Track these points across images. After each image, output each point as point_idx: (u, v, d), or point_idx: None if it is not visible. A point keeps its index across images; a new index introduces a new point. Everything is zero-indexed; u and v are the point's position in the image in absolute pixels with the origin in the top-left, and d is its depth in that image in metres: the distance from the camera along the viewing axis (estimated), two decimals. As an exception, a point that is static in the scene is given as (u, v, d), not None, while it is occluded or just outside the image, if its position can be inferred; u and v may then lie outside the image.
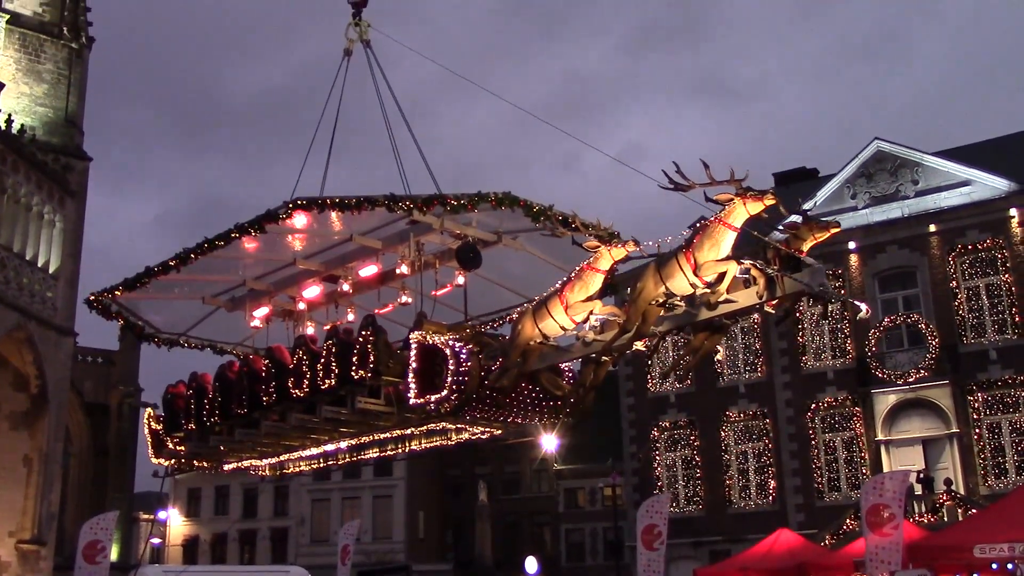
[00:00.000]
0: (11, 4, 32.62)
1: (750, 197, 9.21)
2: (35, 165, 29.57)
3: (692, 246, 9.52)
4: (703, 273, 9.44)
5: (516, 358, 11.09)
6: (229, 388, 13.99)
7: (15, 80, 32.53)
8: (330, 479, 53.15)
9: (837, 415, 34.71)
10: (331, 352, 12.34)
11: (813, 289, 9.14)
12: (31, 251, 29.45)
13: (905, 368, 32.80)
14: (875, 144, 35.58)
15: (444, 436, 13.50)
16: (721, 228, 9.35)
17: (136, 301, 14.76)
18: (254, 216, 11.61)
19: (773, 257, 9.32)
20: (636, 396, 39.21)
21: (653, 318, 10.12)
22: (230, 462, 15.79)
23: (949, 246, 33.50)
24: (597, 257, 10.43)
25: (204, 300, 14.83)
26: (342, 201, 11.06)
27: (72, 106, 34.19)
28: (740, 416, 36.65)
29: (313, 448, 14.54)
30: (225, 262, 13.49)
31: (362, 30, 14.57)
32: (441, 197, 11.18)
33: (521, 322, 11.08)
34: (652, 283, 9.87)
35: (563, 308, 10.57)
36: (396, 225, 12.53)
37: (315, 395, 12.55)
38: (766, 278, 9.32)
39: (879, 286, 34.84)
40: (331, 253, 13.54)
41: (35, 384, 29.86)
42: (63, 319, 31.11)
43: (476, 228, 12.52)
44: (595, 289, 10.47)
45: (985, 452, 31.69)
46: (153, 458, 15.78)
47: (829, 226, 9.30)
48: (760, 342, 36.75)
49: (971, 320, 32.90)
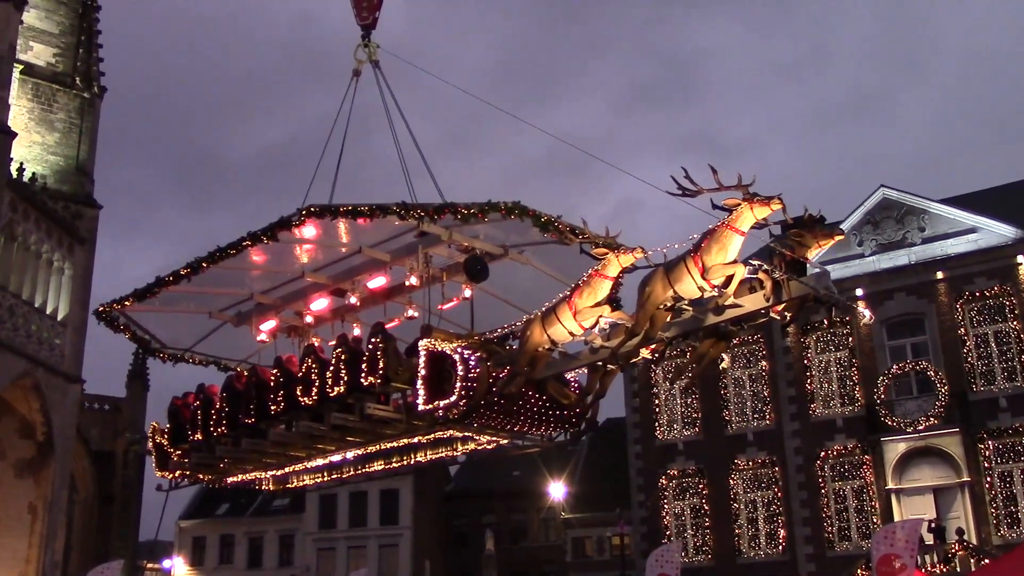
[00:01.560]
0: (25, 55, 33.06)
1: (757, 202, 9.39)
2: (45, 213, 29.79)
3: (700, 250, 9.67)
4: (711, 276, 9.60)
5: (524, 364, 11.22)
6: (237, 398, 14.01)
7: (28, 129, 32.89)
8: (336, 527, 52.78)
9: (847, 463, 34.44)
10: (340, 360, 12.41)
11: (819, 292, 9.25)
12: (40, 298, 29.56)
13: (915, 416, 32.57)
14: (881, 191, 35.71)
15: (450, 446, 13.51)
16: (729, 232, 9.51)
17: (144, 314, 14.82)
18: (267, 224, 11.71)
19: (779, 262, 9.45)
20: (644, 444, 38.96)
21: (661, 322, 10.28)
22: (234, 475, 15.67)
23: (957, 293, 33.45)
24: (605, 264, 10.61)
25: (211, 315, 14.92)
26: (354, 209, 11.18)
27: (83, 154, 34.52)
28: (749, 464, 36.38)
29: (319, 459, 14.46)
30: (234, 274, 13.59)
31: (371, 51, 14.90)
32: (452, 205, 11.27)
33: (530, 328, 11.22)
34: (660, 287, 10.01)
35: (572, 314, 10.74)
36: (405, 238, 12.74)
37: (324, 403, 12.62)
38: (772, 282, 9.43)
39: (887, 333, 34.73)
40: (339, 266, 13.69)
41: (41, 431, 29.81)
42: (71, 366, 31.13)
43: (483, 241, 12.71)
44: (603, 295, 10.65)
45: (997, 501, 31.36)
46: (157, 471, 15.73)
47: (833, 232, 9.46)
48: (768, 389, 36.58)
49: (980, 367, 32.74)
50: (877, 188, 35.91)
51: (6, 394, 28.37)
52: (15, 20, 29.04)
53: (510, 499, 52.65)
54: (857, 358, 34.83)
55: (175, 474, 15.54)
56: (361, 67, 14.92)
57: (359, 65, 14.92)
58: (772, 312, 9.88)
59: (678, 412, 38.50)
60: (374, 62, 14.85)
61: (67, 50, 34.94)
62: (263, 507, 55.19)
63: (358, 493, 52.77)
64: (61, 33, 34.98)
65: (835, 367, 35.42)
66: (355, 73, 14.91)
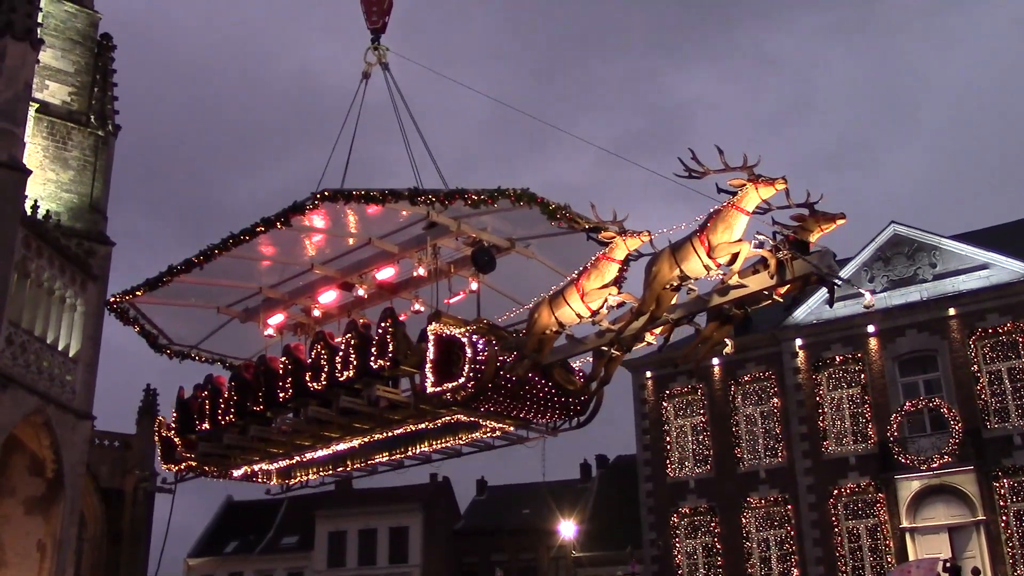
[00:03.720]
0: (41, 93, 33.38)
1: (762, 182, 9.65)
2: (58, 250, 29.91)
3: (706, 229, 9.97)
4: (717, 254, 9.89)
5: (533, 346, 11.49)
6: (245, 387, 14.19)
7: (42, 167, 33.13)
8: (345, 565, 52.39)
9: (860, 501, 34.14)
10: (350, 344, 12.61)
11: (821, 270, 9.50)
12: (52, 334, 29.60)
13: (928, 453, 32.32)
14: (891, 228, 35.69)
15: (456, 436, 13.71)
16: (734, 212, 9.77)
17: (153, 308, 15.00)
18: (280, 209, 11.85)
19: (783, 243, 9.69)
20: (654, 482, 38.73)
21: (667, 303, 10.54)
22: (239, 467, 15.75)
23: (969, 330, 33.29)
24: (612, 247, 10.97)
25: (219, 310, 15.13)
26: (367, 193, 11.36)
27: (97, 191, 34.74)
28: (761, 502, 36.09)
29: (324, 449, 14.55)
30: (243, 266, 13.78)
31: (380, 54, 15.10)
32: (462, 191, 11.49)
33: (538, 311, 11.52)
34: (667, 266, 10.28)
35: (579, 296, 11.06)
36: (413, 229, 13.00)
37: (333, 388, 12.78)
38: (776, 261, 9.67)
39: (899, 370, 34.56)
40: (348, 259, 13.91)
41: (51, 468, 29.73)
42: (81, 403, 31.11)
43: (490, 234, 12.99)
44: (610, 278, 11.01)
45: (1013, 540, 31.00)
46: (163, 464, 15.89)
47: (835, 217, 9.66)
48: (780, 427, 36.38)
49: (994, 404, 32.51)
50: (888, 224, 35.89)
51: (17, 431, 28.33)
52: (31, 59, 29.34)
53: (520, 537, 52.21)
54: (869, 395, 34.63)
55: (181, 467, 15.65)
56: (371, 70, 15.12)
57: (368, 68, 15.14)
58: (775, 294, 10.12)
59: (689, 449, 38.29)
60: (383, 64, 15.07)
61: (82, 89, 35.28)
62: (272, 544, 54.90)
63: (367, 531, 52.52)
64: (76, 72, 35.33)
65: (847, 404, 35.23)
66: (364, 76, 15.15)
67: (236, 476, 16.19)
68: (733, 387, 37.63)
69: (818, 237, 9.71)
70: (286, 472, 16.32)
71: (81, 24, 35.78)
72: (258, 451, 14.89)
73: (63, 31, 35.18)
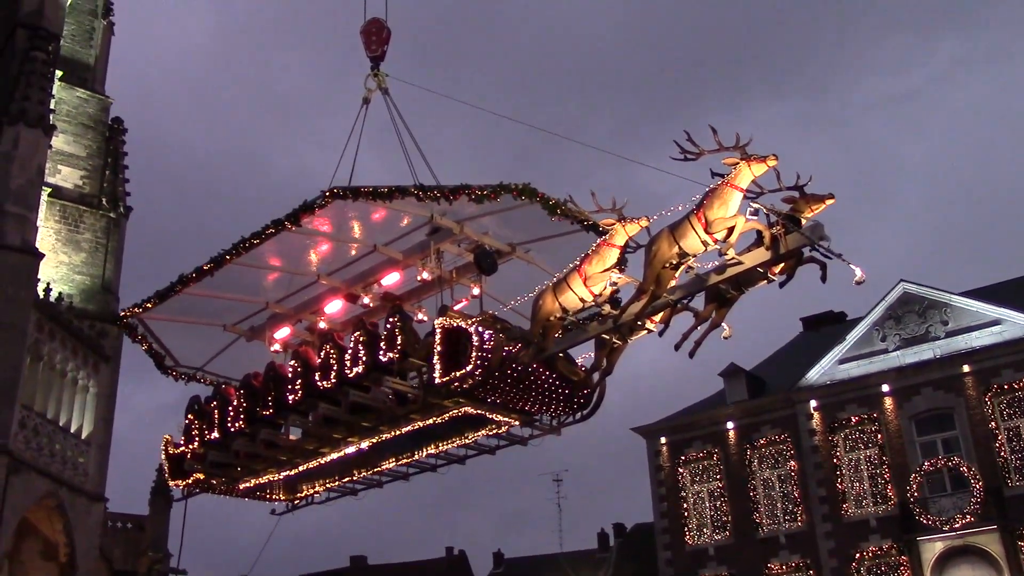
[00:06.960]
0: (53, 178, 33.84)
1: (754, 160, 10.21)
2: (71, 332, 30.05)
3: (703, 207, 10.42)
4: (713, 230, 10.32)
5: (537, 332, 11.89)
6: (254, 394, 14.35)
7: (55, 250, 33.46)
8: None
9: (883, 564, 33.53)
10: (359, 341, 12.91)
11: (814, 241, 9.89)
12: (64, 417, 29.60)
13: (950, 513, 31.84)
14: (901, 286, 35.62)
15: (462, 434, 13.84)
16: (729, 189, 10.29)
17: (161, 326, 15.17)
18: (290, 210, 12.13)
19: (777, 220, 10.14)
20: (673, 550, 38.18)
21: (667, 282, 11.00)
22: (247, 480, 15.72)
23: (985, 386, 33.03)
24: (613, 234, 11.47)
25: (225, 327, 15.34)
26: (375, 190, 11.77)
27: (109, 273, 35.00)
28: (782, 568, 35.49)
29: (333, 453, 14.62)
30: (250, 279, 14.06)
31: (380, 80, 15.41)
32: (466, 187, 11.90)
33: (542, 298, 11.95)
34: (666, 244, 10.72)
35: (582, 280, 11.52)
36: (417, 235, 13.45)
37: (342, 385, 13.00)
38: (771, 235, 10.10)
39: (916, 429, 34.22)
40: (353, 269, 14.26)
41: (64, 552, 29.48)
42: (94, 485, 30.98)
43: (492, 238, 13.44)
44: (611, 262, 11.45)
45: (1041, 600, 30.40)
46: (171, 480, 15.88)
47: (824, 198, 10.14)
48: (799, 490, 35.93)
49: (1014, 462, 32.10)
50: (897, 283, 35.85)
51: (29, 515, 28.17)
52: (44, 145, 29.84)
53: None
54: (887, 455, 34.26)
55: (188, 481, 15.67)
56: (371, 95, 15.43)
57: (369, 94, 15.46)
58: (770, 273, 10.54)
59: (707, 516, 37.82)
60: (383, 89, 15.42)
61: (94, 172, 35.76)
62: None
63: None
64: (88, 156, 35.86)
65: (865, 465, 34.84)
66: (364, 101, 15.46)
67: (242, 491, 16.19)
68: (749, 451, 37.28)
69: (809, 217, 10.17)
70: (292, 486, 16.38)
71: (92, 109, 36.43)
72: (266, 459, 15.00)
73: (75, 116, 35.82)
